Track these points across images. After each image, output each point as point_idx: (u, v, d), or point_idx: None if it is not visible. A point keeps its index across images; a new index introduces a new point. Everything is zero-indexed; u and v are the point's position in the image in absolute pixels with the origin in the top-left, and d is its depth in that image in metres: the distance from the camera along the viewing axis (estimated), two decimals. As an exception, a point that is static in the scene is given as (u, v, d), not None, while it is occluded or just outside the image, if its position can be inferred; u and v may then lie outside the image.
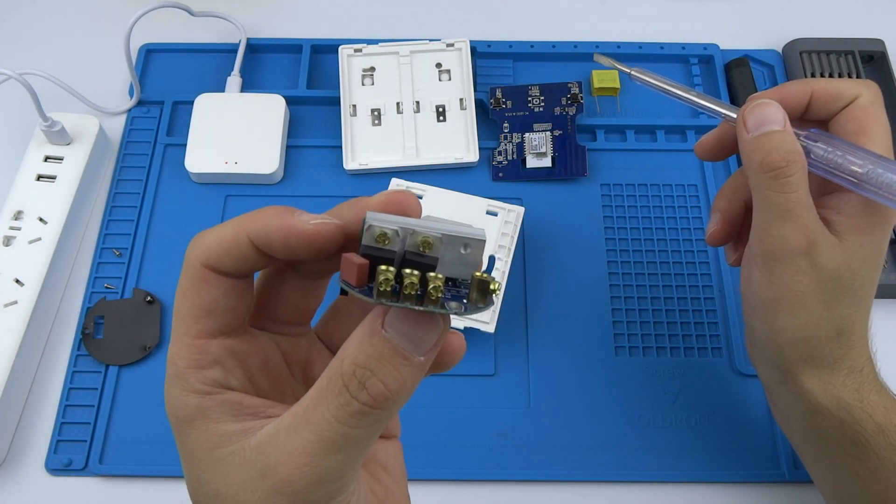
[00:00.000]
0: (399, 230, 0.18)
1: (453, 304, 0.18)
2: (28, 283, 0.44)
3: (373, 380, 0.19)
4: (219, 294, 0.21)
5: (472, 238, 0.18)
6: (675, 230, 0.49)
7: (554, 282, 0.47)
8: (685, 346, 0.46)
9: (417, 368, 0.19)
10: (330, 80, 0.54)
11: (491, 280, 0.18)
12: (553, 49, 0.55)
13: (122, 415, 0.43)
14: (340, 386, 0.19)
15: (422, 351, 0.19)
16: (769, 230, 0.31)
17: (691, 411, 0.44)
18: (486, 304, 0.19)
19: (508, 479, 0.42)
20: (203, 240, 0.21)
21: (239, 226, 0.20)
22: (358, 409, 0.19)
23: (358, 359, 0.19)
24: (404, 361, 0.19)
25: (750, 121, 0.31)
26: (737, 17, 0.59)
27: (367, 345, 0.19)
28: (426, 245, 0.18)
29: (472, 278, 0.18)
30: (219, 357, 0.21)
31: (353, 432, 0.19)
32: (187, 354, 0.21)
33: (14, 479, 0.42)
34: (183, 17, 0.54)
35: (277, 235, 0.20)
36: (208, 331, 0.21)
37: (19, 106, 0.50)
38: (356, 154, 0.51)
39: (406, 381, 0.19)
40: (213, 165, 0.49)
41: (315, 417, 0.19)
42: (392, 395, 0.19)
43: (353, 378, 0.19)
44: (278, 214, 0.20)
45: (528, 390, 0.44)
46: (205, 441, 0.20)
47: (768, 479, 0.42)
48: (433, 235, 0.18)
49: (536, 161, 0.50)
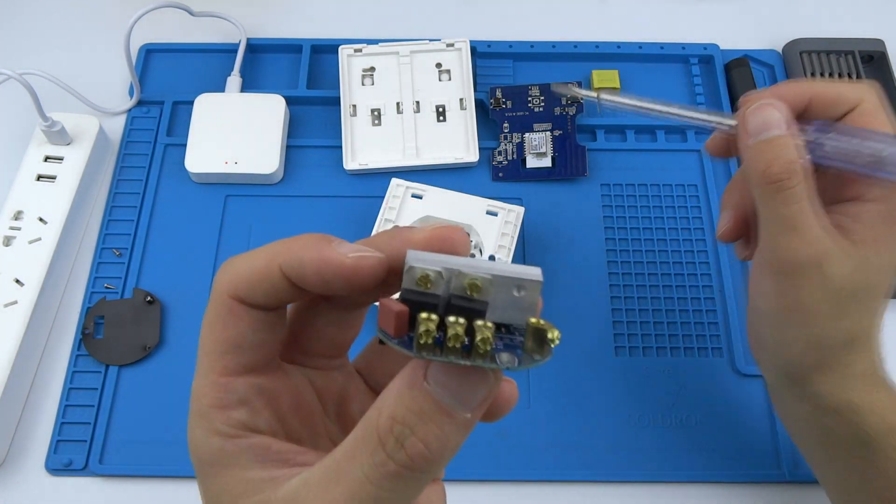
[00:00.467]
0: (444, 271, 0.16)
1: (505, 356, 0.16)
2: (28, 283, 0.44)
3: (412, 439, 0.17)
4: (247, 328, 0.19)
5: (527, 279, 0.17)
6: (675, 230, 0.49)
7: (554, 282, 0.47)
8: (685, 346, 0.46)
9: (463, 427, 0.17)
10: (330, 80, 0.54)
11: (549, 328, 0.16)
12: (553, 49, 0.55)
13: (122, 415, 0.43)
14: (376, 442, 0.17)
15: (468, 408, 0.17)
16: (777, 242, 0.30)
17: (691, 411, 0.44)
18: (545, 355, 0.16)
19: (508, 479, 0.42)
20: (233, 268, 0.19)
21: (271, 255, 0.19)
22: (394, 470, 0.17)
23: (396, 413, 0.17)
24: (448, 419, 0.17)
25: (751, 124, 0.29)
26: (737, 17, 0.59)
27: (408, 398, 0.17)
28: (474, 288, 0.16)
29: (528, 325, 0.16)
30: (245, 397, 0.19)
31: (387, 496, 0.17)
32: (212, 392, 0.19)
33: (14, 479, 0.42)
34: (183, 17, 0.54)
35: (312, 268, 0.18)
36: (235, 368, 0.19)
37: (19, 106, 0.50)
38: (356, 154, 0.51)
39: (449, 440, 0.17)
40: (213, 165, 0.49)
41: (347, 475, 0.17)
42: (433, 457, 0.17)
43: (391, 435, 0.17)
44: (315, 244, 0.18)
45: (528, 390, 0.44)
46: (229, 489, 0.19)
47: (768, 479, 0.42)
48: (482, 277, 0.16)
49: (536, 161, 0.50)
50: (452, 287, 0.16)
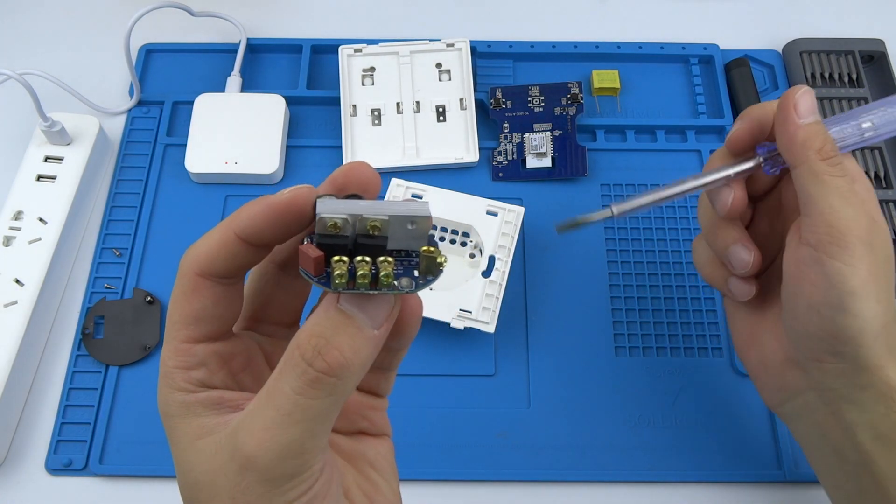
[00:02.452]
0: (349, 217, 0.19)
1: (404, 281, 0.20)
2: (28, 283, 0.44)
3: (327, 347, 0.19)
4: (208, 303, 0.22)
5: (417, 216, 0.19)
6: (675, 230, 0.49)
7: (554, 282, 0.47)
8: (685, 346, 0.46)
9: (372, 340, 0.20)
10: (330, 80, 0.54)
11: (437, 253, 0.20)
12: (553, 49, 0.55)
13: (122, 415, 0.43)
14: (298, 357, 0.19)
15: (376, 324, 0.20)
16: (838, 215, 0.29)
17: (691, 411, 0.44)
18: (436, 275, 0.20)
19: (508, 479, 0.42)
20: (194, 248, 0.22)
21: (224, 226, 0.21)
22: (314, 377, 0.19)
23: (314, 329, 0.20)
24: (359, 331, 0.20)
25: (803, 106, 0.31)
26: (737, 17, 0.59)
27: (324, 318, 0.20)
28: (375, 228, 0.19)
29: (420, 254, 0.20)
30: (204, 359, 0.22)
31: (310, 403, 0.19)
32: (175, 356, 0.22)
33: (14, 479, 0.42)
34: (183, 17, 0.54)
35: (262, 217, 0.21)
36: (196, 336, 0.22)
37: (19, 106, 0.50)
38: (356, 154, 0.51)
39: (361, 349, 0.20)
40: (213, 165, 0.49)
41: (275, 393, 0.20)
42: (347, 363, 0.19)
43: (310, 347, 0.19)
44: (256, 201, 0.21)
45: (528, 390, 0.44)
46: (189, 433, 0.21)
47: (768, 479, 0.42)
48: (380, 218, 0.19)
49: (536, 161, 0.50)
50: (358, 229, 0.19)
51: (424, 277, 0.20)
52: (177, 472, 0.22)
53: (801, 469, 0.42)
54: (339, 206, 0.19)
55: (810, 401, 0.33)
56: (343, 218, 0.19)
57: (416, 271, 0.20)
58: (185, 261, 0.22)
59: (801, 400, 0.34)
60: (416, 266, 0.20)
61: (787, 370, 0.34)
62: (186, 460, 0.21)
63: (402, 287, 0.19)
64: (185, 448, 0.21)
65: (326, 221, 0.19)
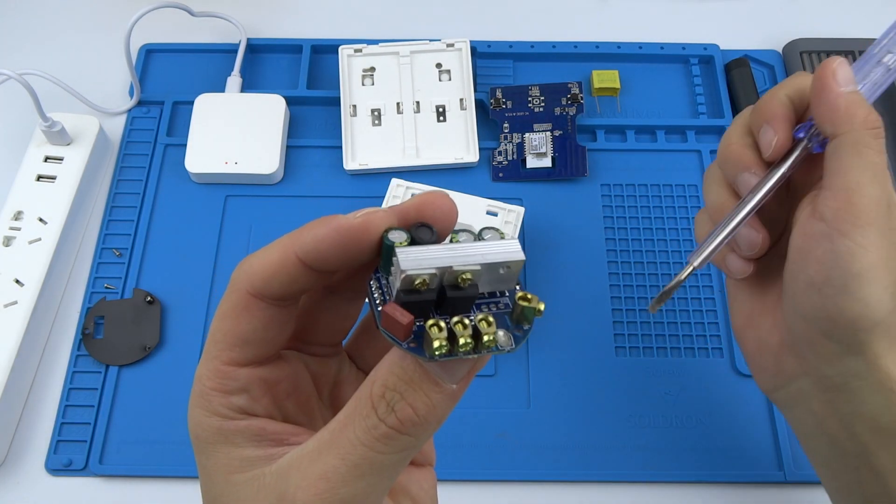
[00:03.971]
0: (437, 271, 0.17)
1: (503, 339, 0.18)
2: (28, 283, 0.44)
3: (402, 403, 0.18)
4: (259, 325, 0.20)
5: (512, 260, 0.18)
6: (676, 230, 0.49)
7: (554, 282, 0.47)
8: (685, 346, 0.46)
9: (449, 397, 0.19)
10: (330, 81, 0.54)
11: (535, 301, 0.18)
12: (553, 49, 0.55)
13: (122, 415, 0.43)
14: (369, 408, 0.18)
15: (455, 379, 0.18)
16: (862, 192, 0.28)
17: (691, 411, 0.44)
18: (532, 323, 0.18)
19: (508, 479, 0.42)
20: (250, 264, 0.20)
21: (285, 245, 0.19)
22: (385, 432, 0.18)
23: (388, 381, 0.18)
24: (436, 388, 0.18)
25: (840, 75, 0.29)
26: (737, 17, 0.59)
27: (399, 369, 0.18)
28: (465, 281, 0.18)
29: (516, 303, 0.18)
30: (246, 385, 0.20)
31: (378, 458, 0.18)
32: (215, 377, 0.20)
33: (14, 479, 0.42)
34: (183, 17, 0.54)
35: (329, 242, 0.19)
36: (240, 360, 0.20)
37: (19, 106, 0.50)
38: (356, 154, 0.51)
39: (436, 407, 0.18)
40: (213, 165, 0.49)
41: (340, 441, 0.18)
42: (421, 421, 0.18)
43: (382, 400, 0.18)
44: (323, 221, 0.19)
45: (528, 390, 0.44)
46: (224, 465, 0.20)
47: (768, 479, 0.42)
48: (472, 269, 0.17)
49: (536, 161, 0.50)
50: (445, 280, 0.17)
51: (521, 328, 0.18)
52: (204, 501, 0.21)
53: (802, 470, 0.42)
54: (424, 258, 0.17)
55: (805, 388, 0.32)
56: (432, 273, 0.17)
57: (507, 317, 0.18)
58: (238, 275, 0.20)
59: (795, 386, 0.33)
60: (506, 311, 0.19)
61: (783, 354, 0.33)
62: (219, 493, 0.20)
63: (503, 346, 0.17)
64: (217, 481, 0.20)
65: (413, 279, 0.17)
